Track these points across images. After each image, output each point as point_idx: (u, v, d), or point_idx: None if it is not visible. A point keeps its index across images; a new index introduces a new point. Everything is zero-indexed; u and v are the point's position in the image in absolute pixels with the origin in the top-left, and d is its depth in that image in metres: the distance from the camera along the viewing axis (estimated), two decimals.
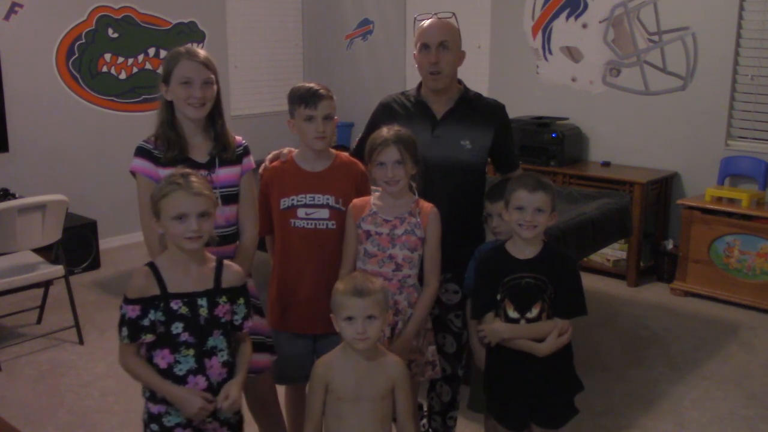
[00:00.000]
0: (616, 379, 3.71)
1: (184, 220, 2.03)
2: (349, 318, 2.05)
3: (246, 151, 2.51)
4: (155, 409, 2.10)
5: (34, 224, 3.86)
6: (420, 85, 2.76)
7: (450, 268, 2.58)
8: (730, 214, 4.62)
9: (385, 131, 2.43)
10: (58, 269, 4.07)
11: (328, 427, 2.15)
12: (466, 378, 2.95)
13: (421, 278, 2.48)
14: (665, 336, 4.25)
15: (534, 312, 2.31)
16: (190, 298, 2.07)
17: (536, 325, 2.32)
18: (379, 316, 2.06)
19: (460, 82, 2.77)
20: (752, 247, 4.55)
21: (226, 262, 2.18)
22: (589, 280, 5.05)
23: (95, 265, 5.33)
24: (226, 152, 2.44)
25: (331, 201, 2.51)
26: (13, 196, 4.79)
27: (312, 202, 2.51)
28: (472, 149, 2.66)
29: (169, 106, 2.39)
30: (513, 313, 2.33)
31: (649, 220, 5.13)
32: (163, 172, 2.32)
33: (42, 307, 4.40)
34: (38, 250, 4.15)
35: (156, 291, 2.05)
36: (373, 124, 2.79)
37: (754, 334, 4.27)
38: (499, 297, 2.35)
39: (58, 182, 5.24)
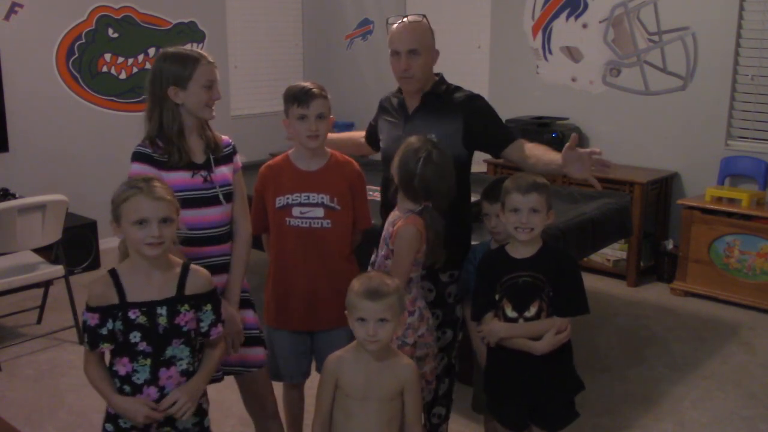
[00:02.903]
0: (616, 379, 3.71)
1: (144, 225, 1.97)
2: (361, 319, 2.05)
3: (235, 150, 2.53)
4: (112, 409, 2.07)
5: (34, 224, 3.86)
6: None
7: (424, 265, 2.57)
8: (730, 214, 4.62)
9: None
10: (58, 269, 4.07)
11: (336, 422, 2.15)
12: (469, 379, 2.95)
13: None
14: (665, 336, 4.25)
15: (532, 311, 2.32)
16: (148, 307, 2.01)
17: (534, 324, 2.32)
18: (392, 319, 2.05)
19: (437, 75, 2.77)
20: (752, 247, 4.55)
21: (192, 267, 2.11)
22: (589, 280, 5.01)
23: (95, 265, 5.33)
24: (217, 150, 2.45)
25: (326, 200, 2.52)
26: (13, 196, 4.79)
27: (307, 201, 2.52)
28: (438, 142, 2.61)
29: (177, 110, 2.37)
30: (511, 313, 2.33)
31: (649, 220, 5.13)
32: (166, 175, 2.31)
33: (42, 307, 4.40)
34: (38, 250, 4.15)
35: (115, 300, 2.01)
36: (376, 115, 2.95)
37: (754, 334, 4.27)
38: (497, 297, 2.36)
39: (58, 182, 5.23)
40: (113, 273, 2.04)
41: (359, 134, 3.12)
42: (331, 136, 2.86)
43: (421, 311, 2.46)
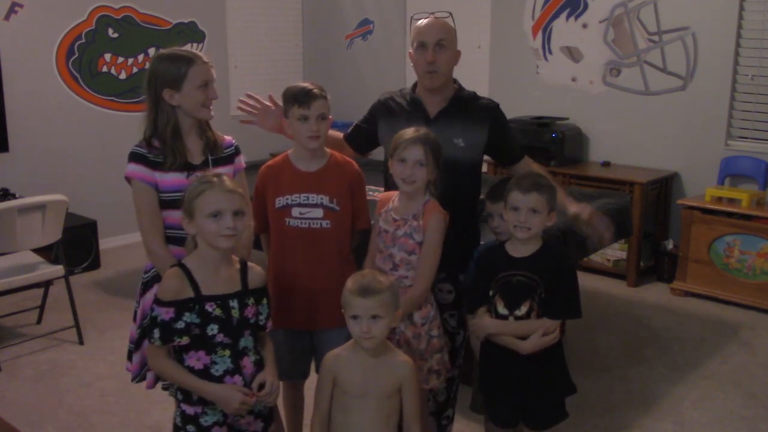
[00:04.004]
0: (616, 379, 3.71)
1: (219, 217, 2.04)
2: (355, 316, 2.07)
3: (237, 151, 2.52)
4: (191, 410, 2.11)
5: (34, 224, 3.86)
6: (416, 84, 2.78)
7: (443, 268, 2.57)
8: (730, 214, 4.62)
9: (413, 130, 2.44)
10: (58, 269, 4.07)
11: (335, 420, 2.16)
12: (468, 378, 2.95)
13: None
14: (665, 336, 4.25)
15: (522, 310, 2.33)
16: (222, 300, 2.09)
17: (522, 323, 2.33)
18: (385, 316, 2.07)
19: (455, 81, 2.78)
20: (752, 247, 4.55)
21: (249, 263, 2.20)
22: (589, 280, 5.06)
23: (95, 265, 5.33)
24: (215, 150, 2.44)
25: (326, 201, 2.52)
26: (13, 196, 4.79)
27: (306, 202, 2.52)
28: (465, 147, 2.67)
29: (173, 112, 2.38)
30: (502, 310, 2.35)
31: (649, 220, 5.13)
32: (160, 176, 2.32)
33: (42, 307, 4.40)
34: (38, 250, 4.15)
35: (190, 293, 2.06)
36: (370, 117, 2.88)
37: (754, 334, 4.27)
38: (491, 293, 2.37)
39: (58, 182, 5.23)
40: (184, 267, 2.09)
41: (337, 134, 3.07)
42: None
43: (433, 302, 2.50)
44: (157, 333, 2.04)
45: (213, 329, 2.07)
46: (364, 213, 2.67)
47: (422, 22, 2.70)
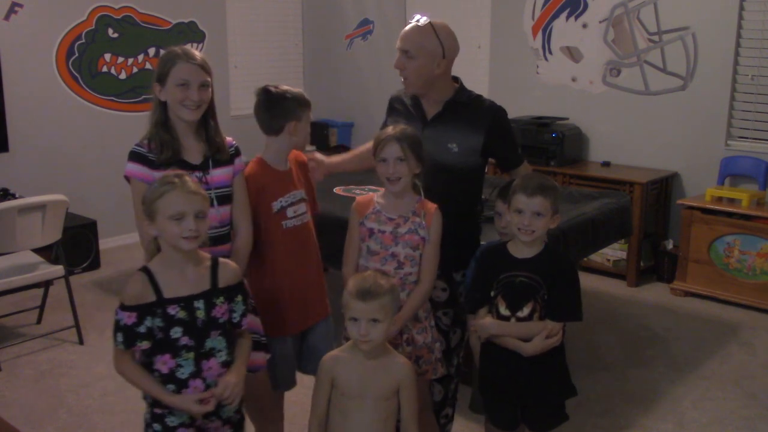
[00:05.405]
0: (616, 379, 3.71)
1: (181, 219, 2.01)
2: (354, 319, 2.07)
3: (237, 152, 2.50)
4: (158, 409, 2.10)
5: (34, 224, 3.86)
6: None
7: (438, 266, 2.58)
8: (730, 214, 4.62)
9: (390, 129, 2.45)
10: (58, 269, 4.08)
11: (332, 421, 2.16)
12: (468, 378, 2.95)
13: None
14: (665, 336, 4.25)
15: (525, 311, 2.32)
16: (186, 302, 2.05)
17: (525, 324, 2.32)
18: (384, 319, 2.07)
19: (457, 80, 2.75)
20: (752, 247, 4.55)
21: (221, 260, 2.16)
22: (589, 280, 5.05)
23: (95, 265, 5.33)
24: (219, 153, 2.43)
25: (303, 193, 2.59)
26: (13, 196, 4.78)
27: (295, 200, 2.55)
28: (458, 153, 2.65)
29: (162, 107, 2.38)
30: (504, 311, 2.34)
31: (649, 220, 5.13)
32: (158, 175, 2.30)
33: (42, 307, 4.41)
34: (38, 250, 4.15)
35: (152, 297, 2.03)
36: (387, 116, 2.90)
37: (754, 334, 4.27)
38: (492, 293, 2.37)
39: (58, 182, 5.23)
40: (147, 271, 2.06)
41: (367, 147, 3.07)
42: (356, 151, 3.01)
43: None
44: (120, 337, 2.02)
45: (177, 332, 2.03)
46: (315, 197, 2.76)
47: (406, 27, 2.69)
